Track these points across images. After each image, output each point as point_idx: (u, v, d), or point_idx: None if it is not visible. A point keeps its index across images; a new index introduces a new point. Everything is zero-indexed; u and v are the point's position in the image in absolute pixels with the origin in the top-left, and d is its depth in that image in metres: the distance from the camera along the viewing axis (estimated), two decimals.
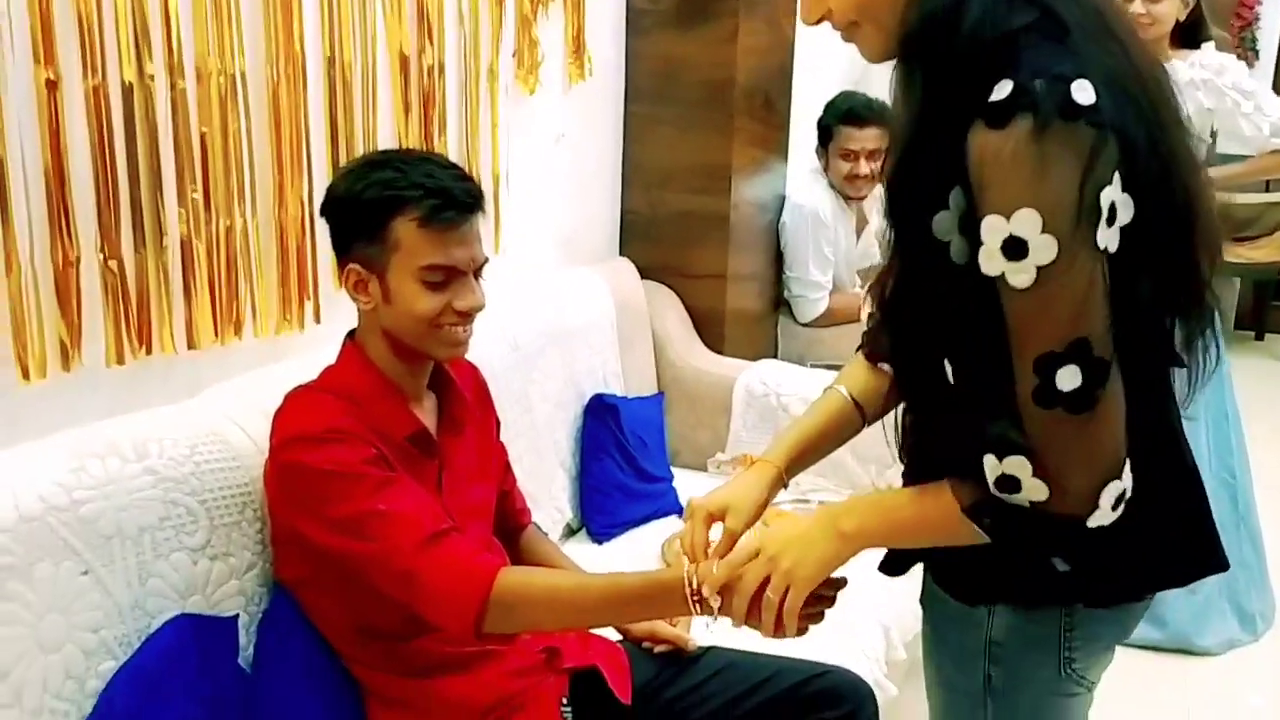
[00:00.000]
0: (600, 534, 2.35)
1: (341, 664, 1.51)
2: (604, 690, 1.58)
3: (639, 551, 2.28)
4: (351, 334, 1.55)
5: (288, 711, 1.46)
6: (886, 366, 1.34)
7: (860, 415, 1.37)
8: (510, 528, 1.78)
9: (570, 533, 2.40)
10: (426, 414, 1.57)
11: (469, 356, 1.72)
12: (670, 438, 2.69)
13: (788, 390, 2.68)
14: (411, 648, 1.49)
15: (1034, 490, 0.97)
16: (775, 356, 3.19)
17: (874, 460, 2.60)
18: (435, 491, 1.52)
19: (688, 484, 2.58)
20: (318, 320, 1.89)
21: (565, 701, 1.55)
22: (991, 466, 0.99)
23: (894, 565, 1.23)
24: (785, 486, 1.37)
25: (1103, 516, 0.97)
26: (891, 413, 1.26)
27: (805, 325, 3.24)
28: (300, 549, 1.45)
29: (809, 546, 1.14)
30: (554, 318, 2.43)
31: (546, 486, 2.29)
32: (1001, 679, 1.17)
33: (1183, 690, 2.69)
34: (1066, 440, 0.95)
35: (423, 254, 1.42)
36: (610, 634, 1.70)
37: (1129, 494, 0.98)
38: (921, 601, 1.27)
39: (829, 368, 2.93)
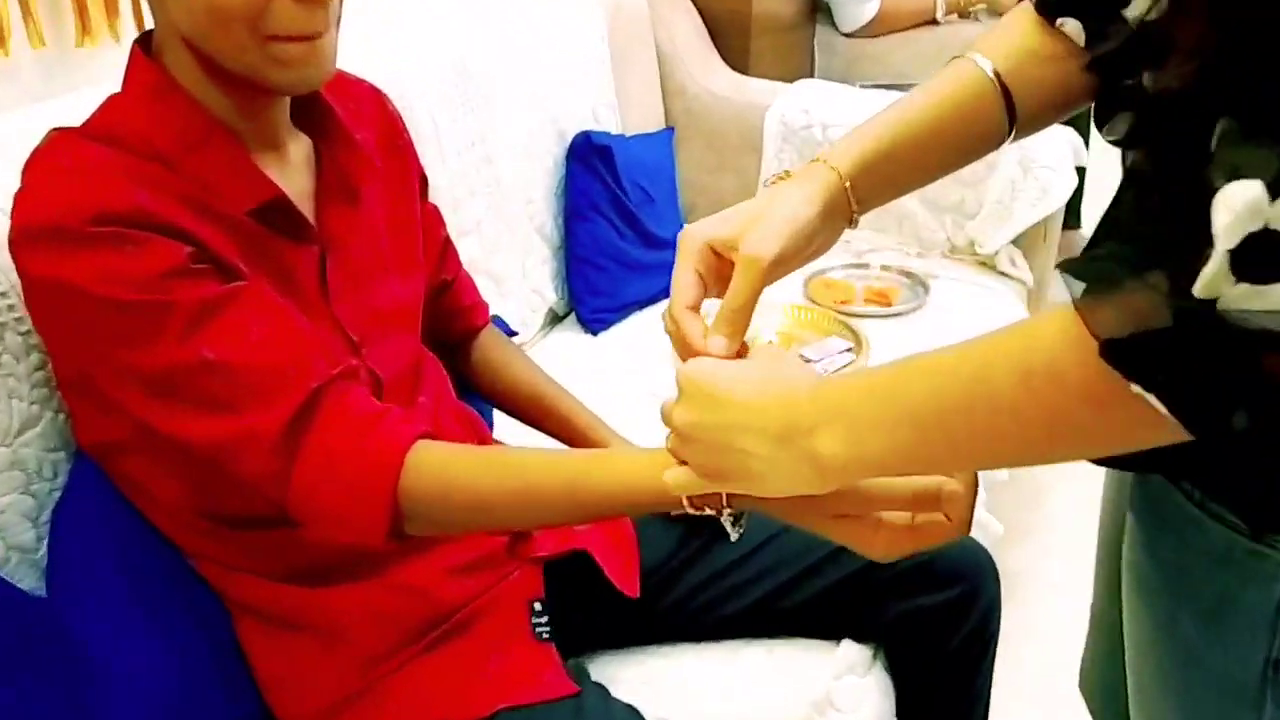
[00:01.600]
0: (593, 321, 1.81)
1: (188, 566, 0.98)
2: (597, 580, 1.06)
3: (646, 345, 1.73)
4: (145, 39, 0.92)
5: (110, 650, 0.93)
6: (1073, 24, 0.72)
7: (1006, 108, 0.75)
8: (456, 334, 1.23)
9: (555, 320, 1.85)
10: (291, 172, 0.96)
11: (377, 79, 1.11)
12: (683, 188, 2.12)
13: (836, 119, 2.06)
14: (292, 538, 0.94)
15: None
16: (812, 76, 2.54)
17: (950, 210, 2.00)
18: (319, 296, 0.95)
19: None
20: (140, 25, 1.24)
21: (539, 606, 1.03)
22: (1244, 211, 0.43)
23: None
24: (854, 220, 0.76)
25: None
26: None
27: (849, 35, 2.58)
28: (104, 399, 0.88)
29: (750, 457, 0.63)
30: (518, 31, 1.78)
31: (519, 262, 1.71)
32: None
33: None
34: None
35: None
36: None
37: None
38: (1136, 511, 0.71)
39: (886, 89, 2.27)
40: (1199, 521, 0.63)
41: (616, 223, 1.82)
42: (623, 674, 1.09)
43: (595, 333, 1.80)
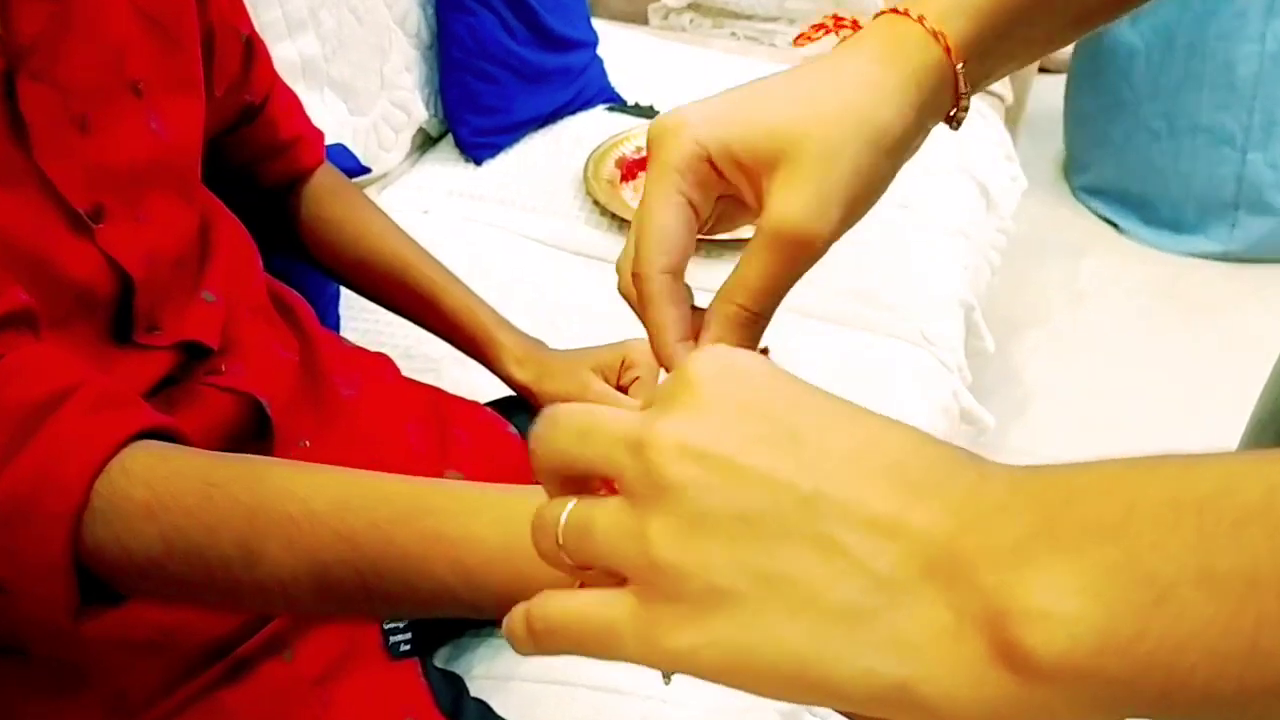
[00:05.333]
0: (476, 146, 1.44)
1: None
2: None
3: (544, 177, 1.37)
4: None
5: None
6: None
7: None
8: (273, 181, 0.87)
9: (427, 144, 1.48)
10: None
11: None
12: None
13: None
14: None
15: None
16: None
17: None
18: (11, 143, 0.58)
19: (621, 50, 1.60)
20: None
21: (401, 625, 0.71)
22: None
23: None
24: (956, 118, 0.43)
25: None
26: None
27: None
28: None
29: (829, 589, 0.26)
30: None
31: (375, 68, 1.32)
32: None
33: None
34: None
35: None
36: (479, 390, 0.87)
37: None
38: None
39: None
40: None
41: (505, 14, 1.42)
42: (520, 669, 0.79)
43: (479, 161, 1.42)
